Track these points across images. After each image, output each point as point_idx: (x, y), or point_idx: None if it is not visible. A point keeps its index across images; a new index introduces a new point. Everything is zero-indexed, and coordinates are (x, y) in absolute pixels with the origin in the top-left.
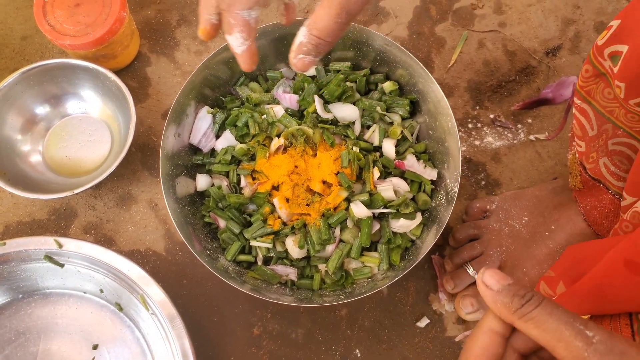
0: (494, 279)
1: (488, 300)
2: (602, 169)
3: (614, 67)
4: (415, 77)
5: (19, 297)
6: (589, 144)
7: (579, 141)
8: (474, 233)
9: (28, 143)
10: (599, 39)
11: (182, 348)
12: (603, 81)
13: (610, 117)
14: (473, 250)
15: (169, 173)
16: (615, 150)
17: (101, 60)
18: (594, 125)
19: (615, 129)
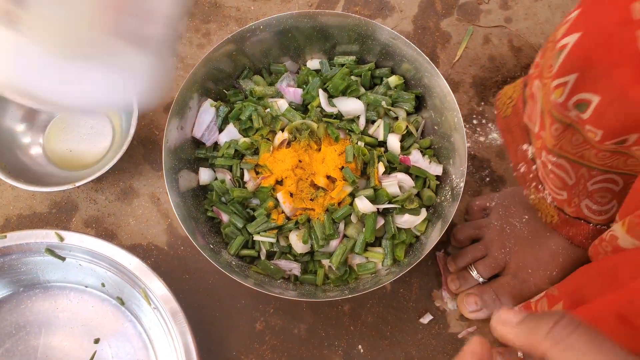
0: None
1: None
2: (584, 210)
3: (581, 114)
4: (421, 71)
5: (20, 290)
6: (570, 192)
7: (559, 191)
8: (474, 233)
9: (29, 135)
10: (557, 98)
11: (184, 343)
12: (569, 131)
13: (581, 161)
14: (476, 252)
15: (171, 167)
16: (595, 189)
17: None
18: (572, 175)
19: (590, 170)
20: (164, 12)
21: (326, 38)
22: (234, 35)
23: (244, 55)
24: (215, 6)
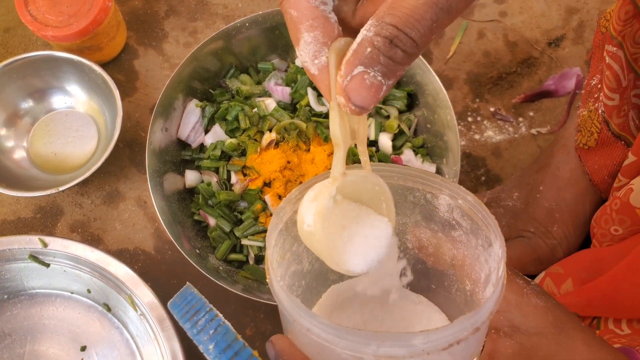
0: None
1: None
2: (630, 122)
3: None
4: (413, 68)
5: (5, 297)
6: (622, 96)
7: (611, 94)
8: None
9: (12, 139)
10: None
11: (171, 350)
12: (639, 22)
13: (634, 65)
14: None
15: (156, 169)
16: (635, 104)
17: (86, 53)
18: (625, 75)
19: (636, 79)
20: None
21: None
22: (220, 33)
23: (231, 53)
24: (202, 4)
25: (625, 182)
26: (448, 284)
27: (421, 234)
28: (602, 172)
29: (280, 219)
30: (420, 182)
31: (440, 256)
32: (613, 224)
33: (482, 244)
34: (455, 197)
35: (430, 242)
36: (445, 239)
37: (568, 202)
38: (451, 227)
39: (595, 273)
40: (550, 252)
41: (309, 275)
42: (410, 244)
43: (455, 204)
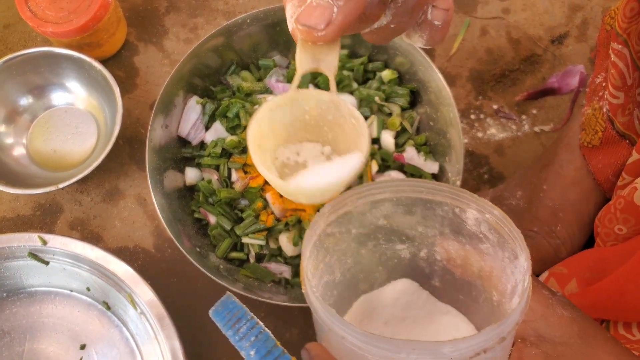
0: None
1: None
2: (635, 121)
3: None
4: (416, 65)
5: (4, 295)
6: (627, 94)
7: (616, 92)
8: None
9: (11, 135)
10: None
11: (171, 348)
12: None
13: (639, 63)
14: None
15: (156, 167)
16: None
17: (86, 49)
18: (631, 73)
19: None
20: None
21: None
22: (221, 29)
23: (232, 50)
24: (203, 0)
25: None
26: (475, 294)
27: (449, 246)
28: (606, 170)
29: (314, 232)
30: (449, 196)
31: (468, 267)
32: (617, 223)
33: (508, 256)
34: (482, 212)
35: (459, 254)
36: (473, 251)
37: (572, 201)
38: (479, 240)
39: (599, 273)
40: (553, 252)
41: (341, 285)
42: (438, 255)
43: (483, 218)
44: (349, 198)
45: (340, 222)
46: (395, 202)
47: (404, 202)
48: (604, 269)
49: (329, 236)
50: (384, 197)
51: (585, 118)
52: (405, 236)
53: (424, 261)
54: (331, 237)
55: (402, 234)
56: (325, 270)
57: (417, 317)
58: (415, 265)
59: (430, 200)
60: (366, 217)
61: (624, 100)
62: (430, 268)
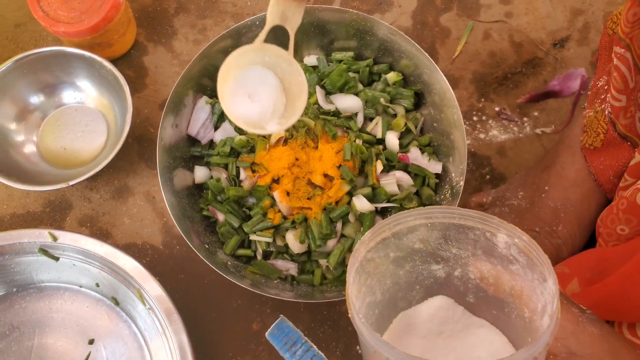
0: None
1: None
2: (637, 123)
3: None
4: (420, 67)
5: (14, 290)
6: (629, 97)
7: (618, 95)
8: None
9: (22, 133)
10: None
11: (179, 343)
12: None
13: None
14: None
15: (166, 165)
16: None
17: (97, 49)
18: (632, 77)
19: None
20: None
21: (324, 34)
22: (230, 31)
23: None
24: (211, 1)
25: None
26: (508, 310)
27: (482, 266)
28: (608, 172)
29: (356, 259)
30: (480, 222)
31: (500, 286)
32: (619, 224)
33: (537, 278)
34: (512, 236)
35: (491, 273)
36: (504, 271)
37: (573, 202)
38: (509, 262)
39: (601, 273)
40: (555, 252)
41: (381, 304)
42: (472, 275)
43: (512, 242)
44: (387, 225)
45: (379, 248)
46: (430, 227)
47: (438, 227)
48: (605, 269)
49: (370, 261)
50: (418, 223)
51: (587, 120)
52: (440, 257)
53: (458, 280)
54: (371, 262)
55: (437, 255)
56: (367, 292)
57: (453, 331)
58: (450, 283)
59: (463, 225)
60: (403, 242)
61: (626, 103)
62: (465, 286)
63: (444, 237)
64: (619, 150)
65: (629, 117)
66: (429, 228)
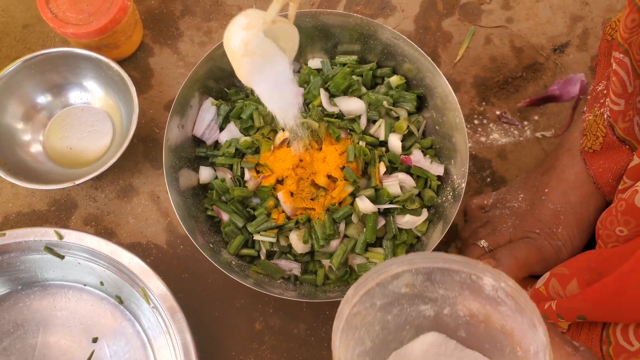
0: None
1: None
2: (635, 127)
3: None
4: (423, 71)
5: (18, 288)
6: (628, 101)
7: (617, 99)
8: (478, 226)
9: (29, 132)
10: None
11: (183, 342)
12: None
13: (639, 71)
14: (483, 230)
15: (172, 165)
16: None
17: (103, 50)
18: (632, 81)
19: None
20: None
21: (327, 37)
22: None
23: None
24: (217, 4)
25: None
26: (500, 345)
27: (470, 305)
28: (607, 175)
29: (341, 319)
30: (464, 265)
31: (490, 323)
32: (618, 225)
33: (527, 322)
34: (498, 281)
35: (480, 312)
36: (494, 311)
37: (573, 204)
38: (497, 303)
39: (600, 274)
40: (555, 253)
41: (372, 350)
42: (461, 312)
43: (499, 285)
44: (370, 277)
45: (364, 300)
46: (414, 273)
47: (422, 271)
48: (604, 270)
49: (356, 315)
50: (402, 270)
51: (587, 124)
52: (427, 298)
53: (448, 317)
54: (357, 315)
55: (424, 297)
56: (356, 344)
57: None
58: (441, 320)
59: (447, 269)
60: (388, 289)
61: (625, 107)
62: (455, 322)
63: (429, 280)
64: (618, 153)
65: (627, 121)
66: (413, 273)
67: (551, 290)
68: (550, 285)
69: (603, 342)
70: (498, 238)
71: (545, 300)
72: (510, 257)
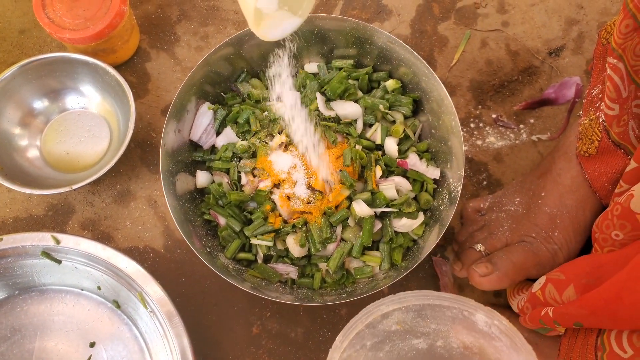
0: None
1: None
2: (630, 132)
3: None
4: (419, 75)
5: (16, 293)
6: (622, 106)
7: (611, 104)
8: (474, 229)
9: (26, 137)
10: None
11: (180, 346)
12: (639, 35)
13: (635, 77)
14: (480, 234)
15: (169, 170)
16: (636, 114)
17: (100, 55)
18: (626, 86)
19: (637, 90)
20: None
21: (324, 42)
22: (232, 39)
23: (242, 58)
24: (214, 9)
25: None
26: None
27: (464, 337)
28: (602, 179)
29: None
30: (455, 302)
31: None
32: (614, 229)
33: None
34: (491, 318)
35: (474, 344)
36: (488, 345)
37: (569, 208)
38: (492, 338)
39: (596, 279)
40: (551, 257)
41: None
42: (455, 344)
43: (492, 322)
44: (359, 320)
45: (354, 343)
46: (404, 310)
47: (413, 308)
48: (601, 276)
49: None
50: (392, 309)
51: (582, 128)
52: (419, 333)
53: (441, 349)
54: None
55: (416, 332)
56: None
57: None
58: (434, 352)
59: (438, 305)
60: (378, 329)
61: (619, 112)
62: (449, 353)
63: (420, 316)
64: (613, 157)
65: (622, 125)
66: (403, 311)
67: (548, 295)
68: (546, 291)
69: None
70: (494, 242)
71: (542, 306)
72: (507, 261)
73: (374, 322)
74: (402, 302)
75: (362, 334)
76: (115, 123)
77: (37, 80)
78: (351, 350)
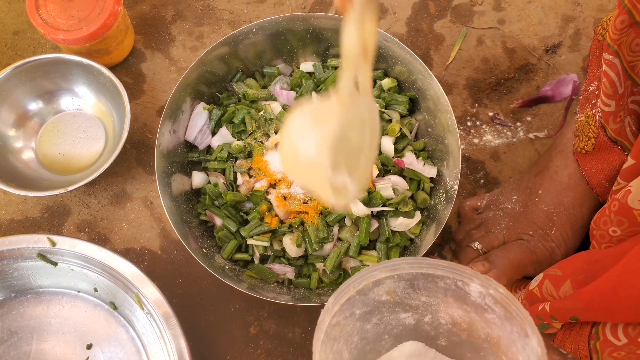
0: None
1: None
2: (626, 128)
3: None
4: (415, 73)
5: (12, 295)
6: (618, 102)
7: (608, 100)
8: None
9: (20, 139)
10: None
11: (177, 347)
12: (634, 31)
13: (631, 73)
14: (477, 232)
15: (164, 170)
16: (633, 110)
17: (95, 56)
18: (622, 82)
19: (633, 86)
20: None
21: (319, 40)
22: (227, 38)
23: (237, 58)
24: (209, 9)
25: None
26: (483, 354)
27: (454, 312)
28: (599, 175)
29: (321, 330)
30: (450, 271)
31: (474, 331)
32: (611, 225)
33: (517, 331)
34: (486, 287)
35: (463, 319)
36: (479, 319)
37: (566, 205)
38: (484, 310)
39: (593, 275)
40: (549, 255)
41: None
42: (443, 320)
43: (487, 292)
44: (351, 285)
45: (345, 309)
46: (396, 279)
47: (405, 277)
48: (597, 271)
49: (335, 326)
50: (385, 276)
51: (579, 125)
52: (408, 306)
53: (428, 325)
54: (336, 326)
55: (405, 304)
56: (334, 357)
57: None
58: (420, 328)
59: (432, 274)
60: (368, 297)
61: (616, 108)
62: (436, 330)
63: (411, 286)
64: (610, 154)
65: (618, 121)
66: (395, 280)
67: (545, 291)
68: (543, 287)
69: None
70: (492, 240)
71: (538, 302)
72: (504, 259)
73: (365, 289)
74: (395, 270)
75: (352, 300)
76: (111, 124)
77: (32, 82)
78: (341, 316)
